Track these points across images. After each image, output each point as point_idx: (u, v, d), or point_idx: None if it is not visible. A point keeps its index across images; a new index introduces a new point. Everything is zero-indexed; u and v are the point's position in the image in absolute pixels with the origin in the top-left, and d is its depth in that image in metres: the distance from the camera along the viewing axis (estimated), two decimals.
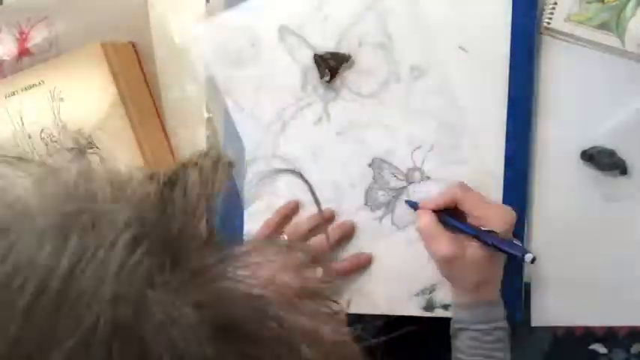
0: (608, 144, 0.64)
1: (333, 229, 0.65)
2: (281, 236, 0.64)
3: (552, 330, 0.77)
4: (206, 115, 0.68)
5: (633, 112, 0.64)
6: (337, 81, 0.65)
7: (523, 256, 0.57)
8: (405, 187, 0.66)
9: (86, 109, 0.64)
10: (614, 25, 0.62)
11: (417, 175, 0.66)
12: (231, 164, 0.27)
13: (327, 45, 0.66)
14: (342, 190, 0.67)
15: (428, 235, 0.61)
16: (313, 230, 0.64)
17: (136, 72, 0.69)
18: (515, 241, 0.58)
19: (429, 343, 0.62)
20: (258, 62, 0.67)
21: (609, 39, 0.62)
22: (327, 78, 0.64)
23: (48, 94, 0.65)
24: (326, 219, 0.65)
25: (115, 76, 0.64)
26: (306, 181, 0.33)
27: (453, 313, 0.63)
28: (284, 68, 0.67)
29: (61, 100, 0.65)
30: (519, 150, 0.65)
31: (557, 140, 0.65)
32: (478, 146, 0.65)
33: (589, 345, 1.38)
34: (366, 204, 0.67)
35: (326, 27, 0.66)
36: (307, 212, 0.66)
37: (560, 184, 0.66)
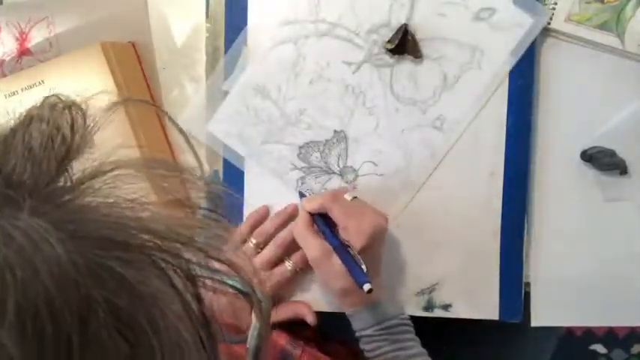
0: (608, 144, 0.64)
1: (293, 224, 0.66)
2: (249, 240, 0.65)
3: (554, 330, 0.78)
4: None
5: (633, 112, 0.64)
6: (395, 57, 0.65)
7: (361, 284, 0.56)
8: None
9: None
10: (614, 25, 0.62)
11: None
12: (71, 104, 0.29)
13: None
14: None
15: (297, 236, 0.62)
16: (279, 228, 0.66)
17: (136, 72, 0.69)
18: (363, 266, 0.57)
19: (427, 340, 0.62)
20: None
21: (609, 39, 0.62)
22: (391, 46, 0.64)
23: (48, 94, 0.65)
24: (289, 215, 0.66)
25: (115, 76, 0.64)
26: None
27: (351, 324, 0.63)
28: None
29: None
30: (519, 150, 0.65)
31: (557, 140, 0.65)
32: (478, 146, 0.65)
33: (589, 345, 1.39)
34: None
35: None
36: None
37: (560, 184, 0.66)
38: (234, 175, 0.68)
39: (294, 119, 0.67)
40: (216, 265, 0.29)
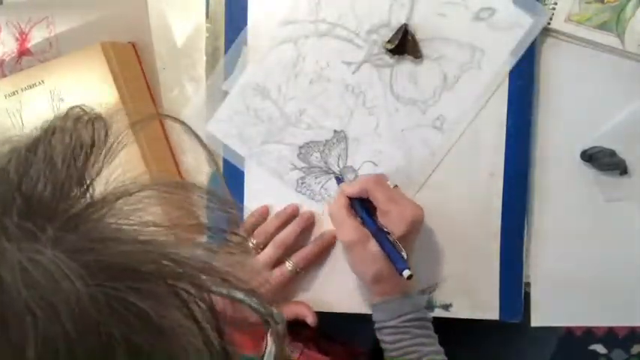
0: (608, 144, 0.64)
1: (294, 224, 0.66)
2: (251, 240, 0.65)
3: (554, 331, 0.78)
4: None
5: (633, 112, 0.64)
6: (395, 57, 0.65)
7: (401, 270, 0.57)
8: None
9: None
10: (614, 25, 0.62)
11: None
12: (96, 118, 0.28)
13: None
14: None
15: (334, 219, 0.63)
16: (279, 229, 0.65)
17: (136, 72, 0.69)
18: (403, 253, 0.58)
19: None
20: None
21: (609, 39, 0.62)
22: (391, 46, 0.64)
23: (48, 94, 0.65)
24: (290, 215, 0.66)
25: (115, 76, 0.64)
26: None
27: (372, 315, 0.63)
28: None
29: (61, 100, 0.65)
30: (519, 150, 0.65)
31: (557, 140, 0.65)
32: (478, 146, 0.65)
33: (589, 345, 1.39)
34: None
35: None
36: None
37: (560, 184, 0.66)
38: (233, 176, 0.68)
39: (294, 119, 0.67)
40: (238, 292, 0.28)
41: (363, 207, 0.62)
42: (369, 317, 0.64)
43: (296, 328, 0.65)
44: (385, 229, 0.59)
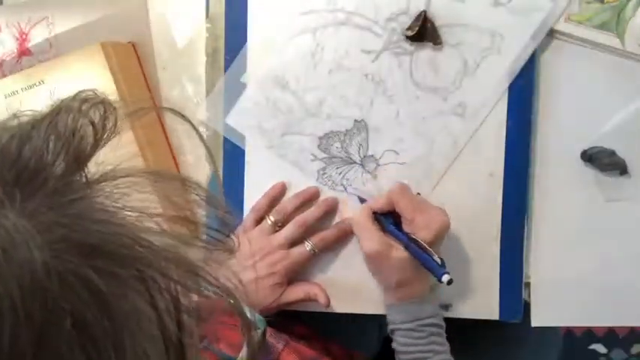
0: (608, 144, 0.64)
1: (317, 207, 0.66)
2: (268, 218, 0.65)
3: (555, 331, 0.77)
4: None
5: (633, 112, 0.64)
6: (414, 45, 0.64)
7: (440, 276, 0.57)
8: None
9: None
10: (614, 25, 0.62)
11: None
12: (105, 102, 0.29)
13: None
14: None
15: (358, 230, 0.62)
16: (298, 209, 0.65)
17: (136, 72, 0.69)
18: (436, 258, 0.58)
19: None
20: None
21: (609, 39, 0.62)
22: (411, 33, 0.63)
23: (48, 94, 0.65)
24: (310, 196, 0.66)
25: (115, 76, 0.64)
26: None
27: (387, 316, 0.64)
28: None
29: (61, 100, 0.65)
30: (519, 150, 0.65)
31: (557, 140, 0.65)
32: (478, 146, 0.65)
33: (589, 345, 1.39)
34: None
35: None
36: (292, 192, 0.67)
37: (560, 184, 0.66)
38: (234, 173, 0.68)
39: (313, 110, 0.67)
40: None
41: (388, 219, 0.62)
42: (372, 325, 0.64)
43: (287, 323, 0.65)
44: (414, 238, 0.59)
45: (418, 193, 0.64)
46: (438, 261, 0.58)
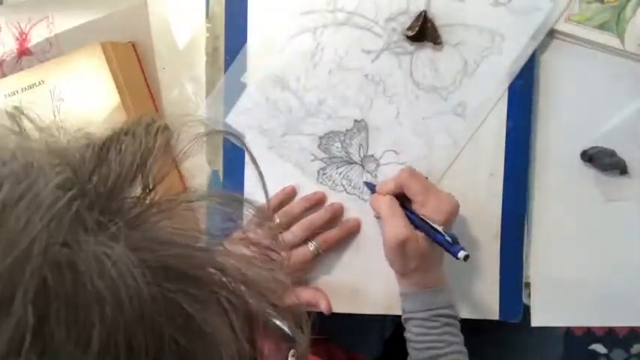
0: (608, 144, 0.64)
1: (325, 211, 0.66)
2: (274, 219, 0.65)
3: (555, 331, 0.77)
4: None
5: (633, 112, 0.64)
6: (415, 45, 0.65)
7: (457, 252, 0.57)
8: None
9: (86, 109, 0.64)
10: (614, 25, 0.62)
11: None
12: (165, 127, 0.30)
13: None
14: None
15: (389, 215, 0.61)
16: (305, 212, 0.65)
17: (136, 72, 0.69)
18: (448, 237, 0.57)
19: None
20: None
21: (609, 39, 0.62)
22: (411, 33, 0.63)
23: (48, 94, 0.65)
24: (317, 200, 0.66)
25: (115, 76, 0.64)
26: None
27: (401, 305, 0.63)
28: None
29: (61, 100, 0.65)
30: (519, 150, 0.65)
31: (557, 140, 0.65)
32: (478, 146, 0.65)
33: (589, 345, 1.39)
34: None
35: None
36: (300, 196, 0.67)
37: (560, 184, 0.66)
38: (234, 173, 0.68)
39: (313, 110, 0.67)
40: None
41: (400, 202, 0.62)
42: (374, 328, 0.64)
43: None
44: (426, 220, 0.59)
45: (426, 178, 0.63)
46: (448, 239, 0.58)
